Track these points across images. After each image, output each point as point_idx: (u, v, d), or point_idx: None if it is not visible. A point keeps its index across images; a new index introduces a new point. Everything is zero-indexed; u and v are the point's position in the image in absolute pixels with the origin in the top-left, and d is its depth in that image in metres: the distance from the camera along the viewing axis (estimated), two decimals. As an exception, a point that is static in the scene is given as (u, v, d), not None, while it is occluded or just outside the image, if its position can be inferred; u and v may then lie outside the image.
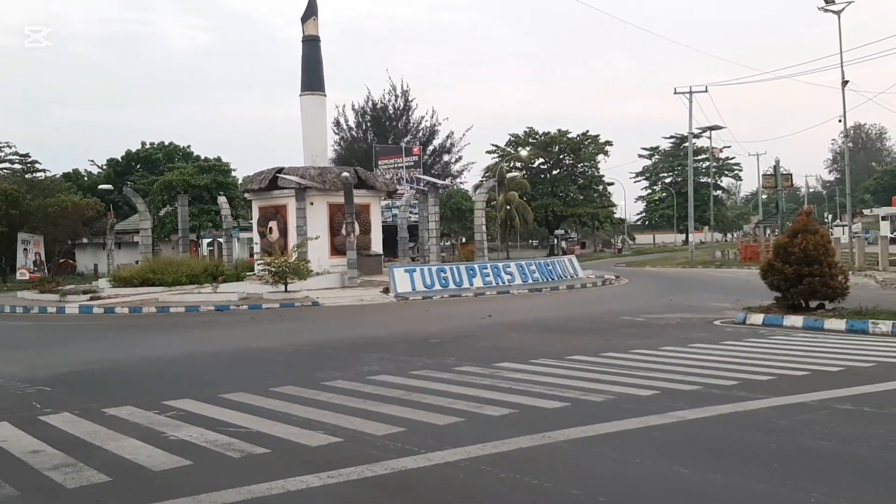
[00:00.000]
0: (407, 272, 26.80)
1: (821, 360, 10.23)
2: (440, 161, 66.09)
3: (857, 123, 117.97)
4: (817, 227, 15.69)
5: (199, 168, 51.91)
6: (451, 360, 10.97)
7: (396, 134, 64.30)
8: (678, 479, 5.51)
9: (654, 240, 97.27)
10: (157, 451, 6.39)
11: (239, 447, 6.48)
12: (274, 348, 13.58)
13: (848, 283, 15.29)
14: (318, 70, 33.06)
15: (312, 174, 30.76)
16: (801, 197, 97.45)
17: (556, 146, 74.73)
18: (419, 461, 5.98)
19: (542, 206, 70.40)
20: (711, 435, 6.70)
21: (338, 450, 6.38)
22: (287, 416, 7.59)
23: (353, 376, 9.84)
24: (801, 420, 7.05)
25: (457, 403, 7.99)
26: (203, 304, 23.54)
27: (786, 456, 5.97)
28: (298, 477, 5.56)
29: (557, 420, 7.17)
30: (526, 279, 29.26)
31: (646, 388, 8.57)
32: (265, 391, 8.93)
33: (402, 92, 65.27)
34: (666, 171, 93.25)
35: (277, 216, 31.55)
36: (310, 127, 32.85)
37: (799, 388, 8.36)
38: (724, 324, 15.24)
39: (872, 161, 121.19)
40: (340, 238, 30.18)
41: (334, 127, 63.74)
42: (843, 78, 37.47)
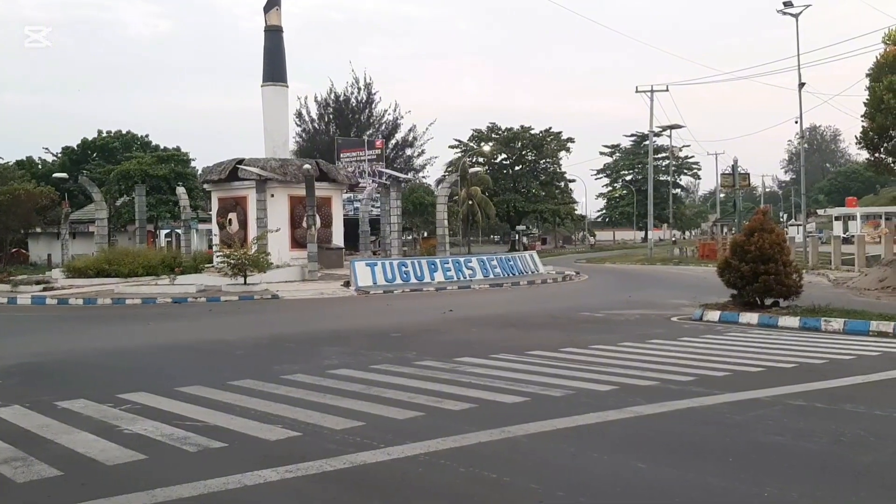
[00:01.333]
0: (368, 266, 26.70)
1: (775, 357, 10.42)
2: (403, 155, 65.98)
3: (812, 125, 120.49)
4: (773, 227, 15.98)
5: (157, 158, 51.09)
6: (412, 355, 10.96)
7: (359, 127, 63.99)
8: (635, 473, 5.57)
9: (614, 237, 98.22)
10: (111, 445, 6.28)
11: (195, 441, 6.39)
12: (232, 341, 13.43)
13: (802, 282, 15.61)
14: (281, 61, 32.71)
15: (273, 166, 30.46)
16: (757, 196, 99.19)
17: (519, 142, 75.10)
18: (378, 455, 5.95)
19: (503, 202, 70.72)
20: (668, 430, 6.78)
21: (296, 444, 6.33)
22: (245, 410, 7.51)
23: (313, 370, 9.76)
24: (756, 415, 7.18)
25: (417, 398, 7.98)
26: (160, 296, 23.20)
27: (740, 451, 6.06)
28: (256, 471, 5.50)
29: (517, 415, 7.19)
30: (487, 274, 29.35)
31: (604, 383, 8.65)
32: (223, 384, 8.82)
33: (364, 84, 65.03)
34: (626, 169, 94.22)
35: (237, 208, 31.19)
36: (271, 118, 32.50)
37: (753, 385, 8.51)
38: (681, 320, 15.45)
39: (827, 162, 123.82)
40: (301, 231, 29.95)
41: (296, 119, 63.26)
42: (800, 80, 38.23)
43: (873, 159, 22.96)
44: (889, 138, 21.63)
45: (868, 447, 6.15)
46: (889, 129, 21.18)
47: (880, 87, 20.61)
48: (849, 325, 13.14)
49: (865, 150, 23.10)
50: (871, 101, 21.17)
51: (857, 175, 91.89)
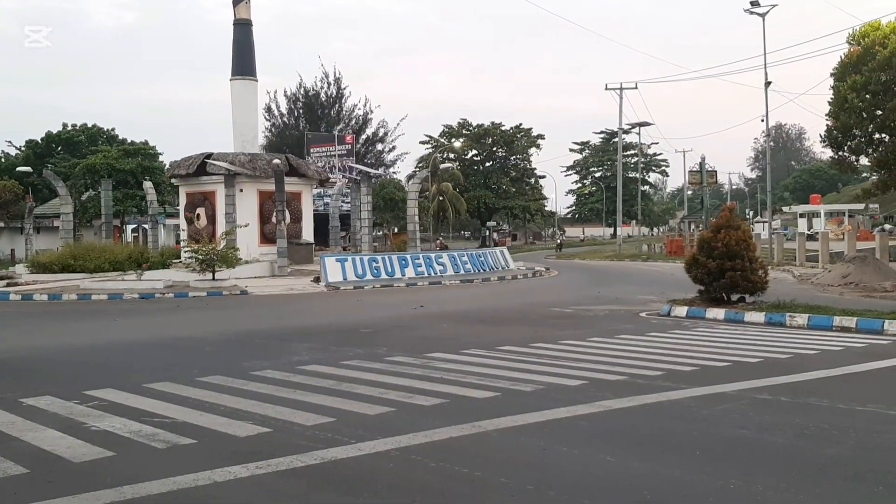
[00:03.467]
0: (338, 261, 26.61)
1: (741, 352, 10.58)
2: (373, 150, 65.86)
3: (778, 123, 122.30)
4: (739, 223, 16.21)
5: (123, 152, 50.46)
6: (383, 350, 10.95)
7: (329, 122, 63.74)
8: (604, 466, 5.64)
9: (583, 233, 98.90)
10: (78, 442, 6.20)
11: (164, 438, 6.33)
12: (201, 337, 13.32)
13: (767, 278, 15.86)
14: (250, 54, 32.48)
15: (242, 160, 30.24)
16: (724, 193, 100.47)
17: (490, 138, 75.30)
18: (349, 451, 5.95)
19: (474, 198, 70.87)
20: (636, 424, 6.86)
21: (266, 440, 6.30)
22: (214, 407, 7.45)
23: (283, 366, 9.72)
24: (722, 409, 7.29)
25: (388, 393, 7.98)
26: (127, 291, 22.91)
27: (706, 444, 6.16)
28: (226, 468, 5.47)
29: (487, 410, 7.23)
30: (458, 270, 29.40)
31: (574, 378, 8.72)
32: (191, 381, 8.75)
33: (334, 79, 64.81)
34: (596, 166, 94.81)
35: (206, 203, 30.92)
36: (240, 112, 32.28)
37: (720, 379, 8.63)
38: (649, 316, 15.61)
39: (792, 160, 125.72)
40: (270, 226, 29.78)
41: (265, 113, 62.88)
42: (766, 79, 38.74)
43: (837, 157, 23.36)
44: (852, 137, 22.03)
45: (831, 440, 6.27)
46: (853, 127, 21.56)
47: (844, 86, 20.96)
48: (813, 320, 13.37)
49: (830, 149, 23.49)
50: (836, 100, 21.53)
51: (822, 173, 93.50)
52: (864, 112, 21.11)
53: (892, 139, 21.40)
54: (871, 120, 21.31)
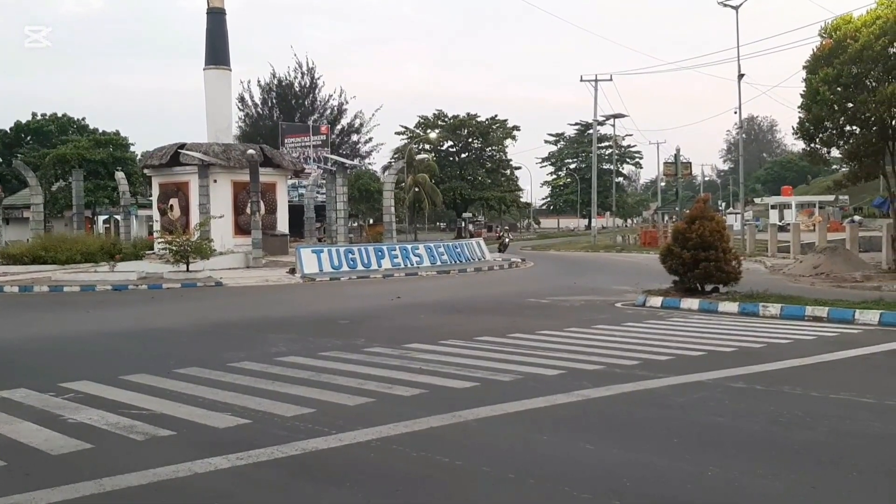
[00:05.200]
0: (314, 253, 26.49)
1: (715, 341, 10.71)
2: (348, 141, 65.50)
3: (750, 115, 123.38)
4: (713, 215, 16.38)
5: (94, 142, 49.80)
6: (361, 341, 10.94)
7: (303, 112, 63.29)
8: (583, 454, 5.69)
9: (558, 224, 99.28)
10: (55, 435, 6.14)
11: (142, 430, 6.29)
12: (176, 329, 13.22)
13: (741, 268, 16.04)
14: (223, 43, 32.11)
15: (216, 151, 29.96)
16: (697, 185, 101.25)
17: (465, 129, 75.27)
18: (330, 441, 5.95)
19: (450, 189, 70.84)
20: (614, 412, 6.93)
21: (246, 431, 6.29)
22: (192, 398, 7.41)
23: (261, 357, 9.68)
24: (698, 398, 7.39)
25: (367, 384, 7.98)
26: (99, 283, 22.65)
27: (684, 431, 6.24)
28: (206, 459, 5.45)
29: (467, 399, 7.26)
30: (434, 261, 29.40)
31: (552, 367, 8.78)
32: (168, 372, 8.69)
33: (308, 69, 64.28)
34: (571, 157, 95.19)
35: (179, 193, 30.62)
36: (214, 102, 31.93)
37: (695, 368, 8.73)
38: (625, 306, 15.74)
39: (764, 152, 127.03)
40: (245, 217, 29.56)
41: (239, 103, 62.21)
42: (739, 71, 39.12)
43: (809, 149, 23.57)
44: (824, 129, 22.23)
45: (804, 426, 6.38)
46: (824, 119, 21.78)
47: (816, 79, 21.16)
48: (785, 310, 13.56)
49: (802, 141, 23.71)
50: (808, 92, 21.74)
51: (793, 164, 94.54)
52: (836, 104, 21.34)
53: (863, 131, 21.64)
54: (842, 112, 21.55)
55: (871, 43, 20.25)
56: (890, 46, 20.33)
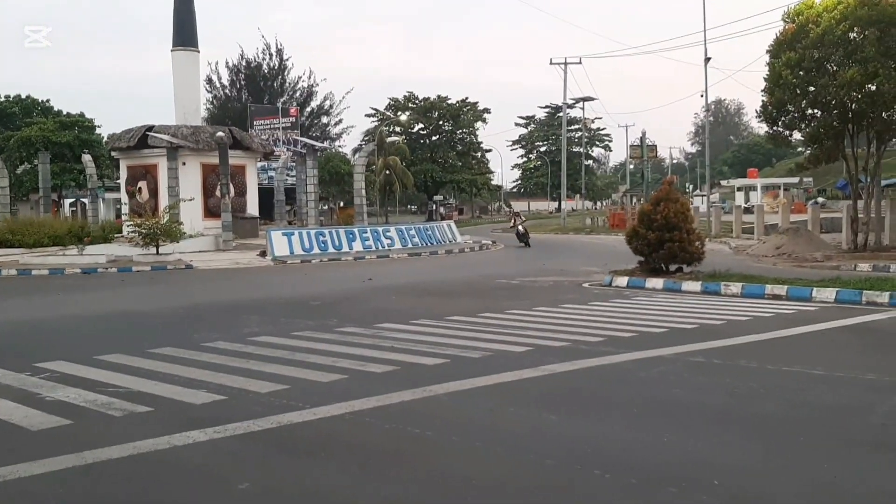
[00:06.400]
0: (285, 235, 26.55)
1: (678, 319, 11.05)
2: (318, 123, 65.31)
3: (718, 99, 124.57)
4: (678, 196, 16.73)
5: (60, 124, 48.99)
6: (333, 322, 11.10)
7: (272, 94, 62.93)
8: (549, 425, 5.95)
9: (529, 206, 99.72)
10: (34, 412, 6.26)
11: (120, 406, 6.44)
12: (148, 311, 13.29)
13: (704, 249, 16.44)
14: (191, 24, 31.84)
15: (185, 133, 29.80)
16: (665, 168, 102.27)
17: (436, 112, 75.16)
18: (304, 416, 6.15)
19: (421, 172, 70.84)
20: (579, 386, 7.21)
21: (222, 407, 6.46)
22: (168, 376, 7.55)
23: (234, 337, 9.81)
24: (659, 371, 7.69)
25: (340, 362, 8.17)
26: (68, 266, 22.51)
27: (644, 404, 6.53)
28: (184, 433, 5.62)
29: (437, 375, 7.49)
30: (406, 244, 29.58)
31: (520, 345, 9.04)
32: (142, 352, 8.80)
33: (276, 51, 63.85)
34: (541, 140, 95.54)
35: (147, 176, 30.44)
36: (182, 84, 31.69)
37: (658, 344, 9.05)
38: (592, 286, 16.06)
39: (731, 135, 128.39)
40: (214, 200, 29.48)
41: (207, 85, 61.71)
42: (706, 55, 39.53)
43: (772, 132, 24.08)
44: (786, 112, 22.70)
45: (760, 399, 6.70)
46: (787, 103, 22.23)
47: (779, 63, 21.58)
48: (746, 288, 13.97)
49: (765, 124, 24.20)
50: (771, 76, 22.16)
51: (759, 147, 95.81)
52: (798, 88, 21.78)
53: (824, 115, 22.13)
54: (804, 96, 22.00)
55: (832, 28, 20.69)
56: (850, 31, 20.80)
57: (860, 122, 21.84)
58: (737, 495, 4.51)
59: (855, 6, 20.59)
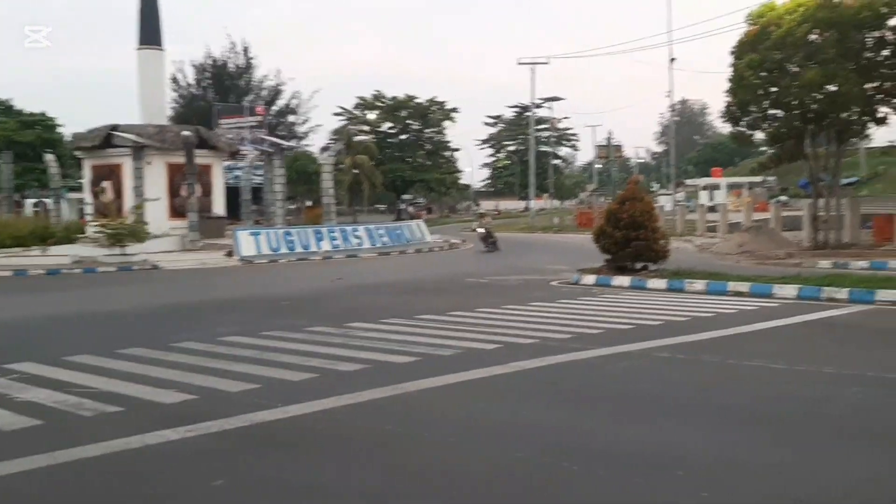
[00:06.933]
0: (252, 235, 26.42)
1: (644, 315, 11.24)
2: (285, 122, 64.85)
3: (682, 99, 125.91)
4: (643, 195, 17.01)
5: (21, 123, 48.21)
6: (303, 321, 11.10)
7: (238, 93, 62.39)
8: (520, 419, 6.06)
9: (498, 206, 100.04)
10: (4, 413, 6.22)
11: (90, 406, 6.42)
12: (115, 312, 13.17)
13: (668, 247, 16.71)
14: (156, 23, 31.49)
15: (150, 132, 29.48)
16: (631, 167, 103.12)
17: (404, 111, 75.07)
18: (276, 414, 6.18)
19: (389, 171, 70.69)
20: (549, 381, 7.33)
21: (194, 406, 6.47)
22: (137, 377, 7.53)
23: (204, 338, 9.77)
24: (626, 366, 7.85)
25: (311, 361, 8.20)
26: (32, 267, 22.19)
27: (613, 397, 6.67)
28: (157, 432, 5.62)
29: (409, 373, 7.56)
30: (375, 243, 29.58)
31: (490, 342, 9.14)
32: (111, 353, 8.74)
33: (242, 49, 63.32)
34: (509, 140, 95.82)
35: (112, 176, 30.05)
36: (147, 83, 31.34)
37: (624, 340, 9.21)
38: (560, 284, 16.23)
39: (695, 134, 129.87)
40: (181, 199, 29.21)
41: (172, 83, 60.86)
42: (671, 55, 40.12)
43: (735, 132, 24.51)
44: (749, 113, 23.13)
45: (723, 390, 6.89)
46: (749, 103, 22.64)
47: (742, 64, 21.97)
48: (710, 286, 14.23)
49: (729, 124, 24.61)
50: (734, 77, 22.55)
51: (724, 146, 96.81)
52: (760, 89, 22.19)
53: (786, 115, 22.57)
54: (766, 96, 22.43)
55: (793, 29, 21.12)
56: (810, 33, 21.25)
57: (820, 122, 22.30)
58: (705, 485, 4.64)
59: (815, 9, 21.03)
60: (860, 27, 20.79)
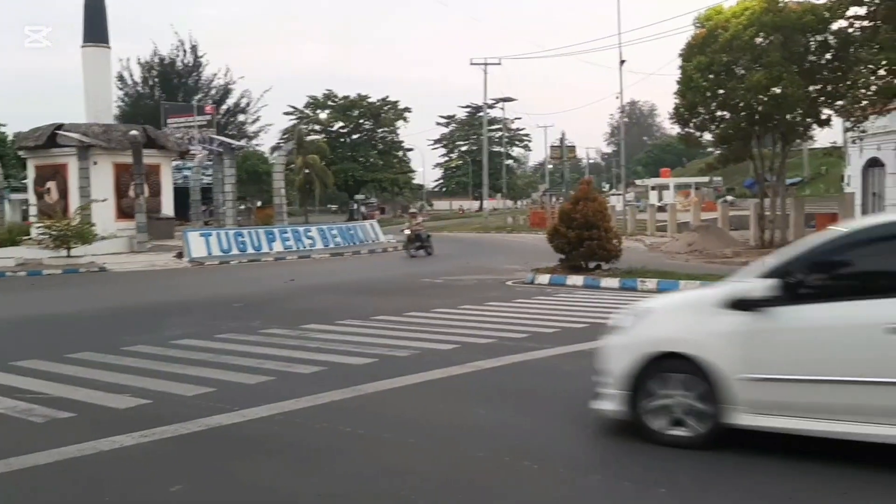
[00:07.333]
0: (202, 236, 26.05)
1: (598, 314, 11.34)
2: (235, 121, 63.98)
3: (632, 100, 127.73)
4: (596, 196, 17.22)
5: (-40, 122, 46.72)
6: (257, 323, 11.01)
7: (187, 91, 61.34)
8: (478, 418, 6.10)
9: (451, 206, 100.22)
10: (-49, 420, 6.05)
11: (41, 412, 6.27)
12: (63, 315, 12.87)
13: (621, 246, 16.95)
14: (102, 20, 30.85)
15: (96, 132, 28.85)
16: (582, 167, 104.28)
17: (356, 110, 74.72)
18: (233, 418, 6.11)
19: (342, 171, 70.28)
20: (505, 380, 7.38)
21: (148, 411, 6.36)
22: (89, 381, 7.38)
23: (156, 341, 9.62)
24: (582, 365, 7.90)
25: (266, 363, 8.12)
26: (-27, 270, 21.55)
27: (569, 397, 6.74)
28: (110, 438, 5.52)
29: (366, 375, 7.54)
30: (328, 243, 29.40)
31: (447, 342, 9.16)
32: (61, 358, 8.55)
33: (191, 47, 62.31)
34: (462, 140, 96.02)
35: (57, 176, 29.34)
36: (93, 81, 30.66)
37: (579, 339, 9.30)
38: (515, 284, 16.34)
39: (644, 136, 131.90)
40: (128, 200, 28.65)
41: (118, 82, 59.59)
42: (620, 57, 40.65)
43: (684, 133, 24.97)
44: (697, 114, 23.58)
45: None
46: (697, 105, 23.09)
47: (690, 66, 22.39)
48: (661, 284, 14.48)
49: (677, 125, 25.05)
50: (683, 79, 22.97)
51: (672, 147, 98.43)
52: (708, 91, 22.64)
53: (733, 116, 23.06)
54: (713, 98, 22.90)
55: (739, 33, 21.59)
56: (756, 37, 21.75)
57: (766, 123, 22.83)
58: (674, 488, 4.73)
59: (760, 13, 21.53)
60: (804, 31, 21.34)
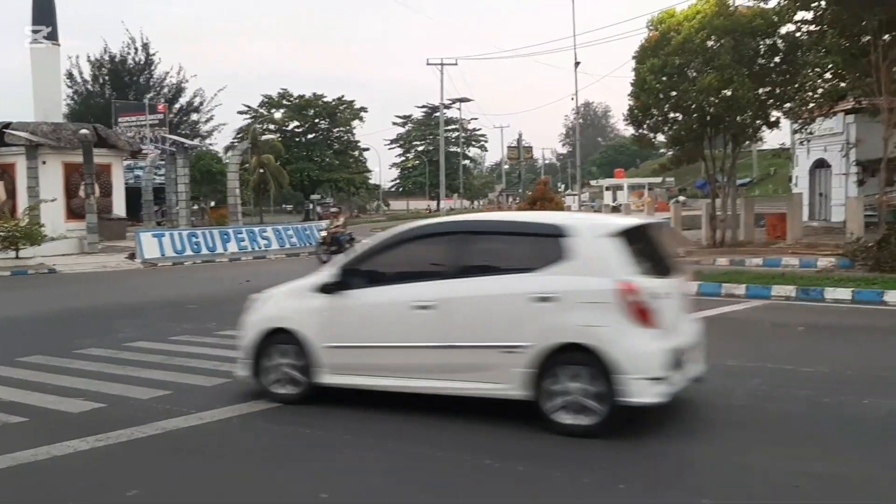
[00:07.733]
0: (155, 237, 25.60)
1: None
2: (188, 120, 63.05)
3: (586, 102, 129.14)
4: (553, 196, 17.41)
5: None
6: (212, 325, 10.88)
7: (138, 89, 60.26)
8: (438, 419, 6.09)
9: (408, 206, 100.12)
10: None
11: (-8, 418, 6.12)
12: (12, 318, 12.57)
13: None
14: (51, 16, 30.16)
15: (45, 130, 28.20)
16: (538, 168, 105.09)
17: (312, 110, 74.19)
18: (190, 420, 6.04)
19: (297, 171, 69.72)
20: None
21: (102, 415, 6.25)
22: (40, 385, 7.23)
23: (108, 343, 9.46)
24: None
25: (223, 366, 8.00)
26: (-85, 272, 20.89)
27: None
28: (64, 442, 5.42)
29: (325, 375, 7.48)
30: (283, 244, 29.12)
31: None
32: (10, 361, 8.36)
33: (142, 45, 61.25)
34: (419, 140, 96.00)
35: (5, 176, 28.63)
36: (41, 79, 29.96)
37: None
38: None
39: (599, 136, 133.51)
40: (78, 200, 28.05)
41: (67, 80, 58.28)
42: (575, 59, 41.03)
43: (637, 134, 25.27)
44: (651, 116, 23.88)
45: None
46: (651, 107, 23.38)
47: (644, 68, 22.68)
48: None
49: (631, 126, 25.36)
50: (637, 81, 23.25)
51: (626, 148, 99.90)
52: (661, 93, 22.95)
53: (685, 118, 23.41)
54: (666, 100, 23.22)
55: (691, 36, 21.94)
56: (708, 40, 22.14)
57: (717, 125, 23.24)
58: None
59: (712, 16, 21.92)
60: (754, 35, 21.79)
